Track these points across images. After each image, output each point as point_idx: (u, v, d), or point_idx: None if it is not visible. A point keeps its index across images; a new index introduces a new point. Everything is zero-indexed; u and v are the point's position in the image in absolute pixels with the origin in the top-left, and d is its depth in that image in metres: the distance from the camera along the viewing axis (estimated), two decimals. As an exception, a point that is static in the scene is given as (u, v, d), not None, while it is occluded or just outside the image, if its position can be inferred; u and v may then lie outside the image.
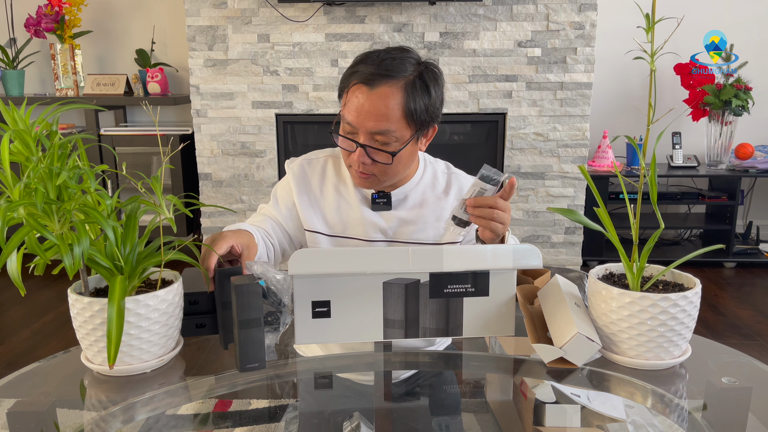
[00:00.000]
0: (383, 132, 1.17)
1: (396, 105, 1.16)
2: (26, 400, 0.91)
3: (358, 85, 1.17)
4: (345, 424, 0.89)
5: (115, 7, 3.71)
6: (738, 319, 2.80)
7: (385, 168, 1.21)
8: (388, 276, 0.99)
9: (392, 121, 1.16)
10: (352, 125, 1.18)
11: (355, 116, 1.17)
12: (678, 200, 3.52)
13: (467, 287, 1.01)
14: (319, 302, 0.99)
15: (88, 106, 0.96)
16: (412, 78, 1.18)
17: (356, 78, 1.18)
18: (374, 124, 1.16)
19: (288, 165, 1.35)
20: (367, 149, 1.18)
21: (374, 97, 1.15)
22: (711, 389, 0.96)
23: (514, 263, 1.00)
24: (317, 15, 3.16)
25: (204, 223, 3.42)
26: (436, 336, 1.04)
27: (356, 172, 1.24)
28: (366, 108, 1.16)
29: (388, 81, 1.16)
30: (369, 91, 1.16)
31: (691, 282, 0.97)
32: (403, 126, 1.18)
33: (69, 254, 0.80)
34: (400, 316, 1.01)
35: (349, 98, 1.19)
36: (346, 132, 1.21)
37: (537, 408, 0.99)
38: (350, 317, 1.00)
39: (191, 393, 0.96)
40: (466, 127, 3.42)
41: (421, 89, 1.18)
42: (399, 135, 1.18)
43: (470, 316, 1.03)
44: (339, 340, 1.01)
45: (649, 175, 0.95)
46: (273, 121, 3.29)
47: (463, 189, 1.33)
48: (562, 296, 1.00)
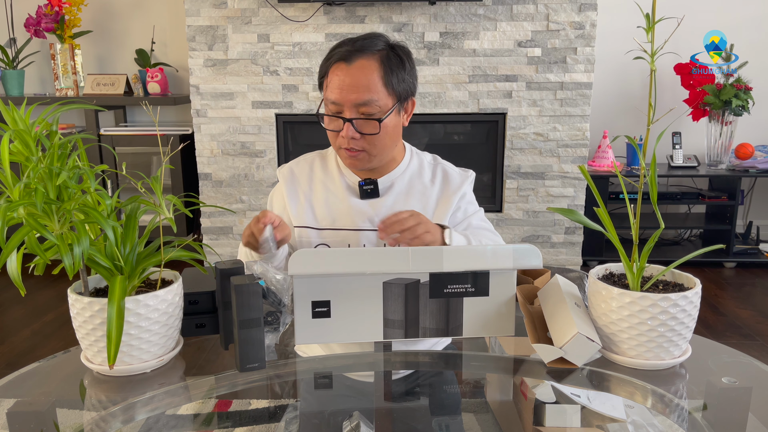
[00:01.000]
0: (367, 102, 1.23)
1: (375, 75, 1.23)
2: (26, 400, 0.91)
3: (337, 64, 1.24)
4: (345, 423, 0.89)
5: (115, 7, 3.71)
6: (738, 319, 2.80)
7: (373, 140, 1.26)
8: (388, 276, 0.99)
9: (374, 91, 1.23)
10: (337, 102, 1.24)
11: (338, 92, 1.23)
12: (678, 200, 3.52)
13: (467, 287, 1.01)
14: (319, 302, 0.99)
15: (88, 106, 0.96)
16: (385, 51, 1.26)
17: (334, 59, 1.25)
18: (357, 95, 1.22)
19: (279, 171, 1.42)
20: (353, 122, 1.24)
21: (353, 71, 1.22)
22: (711, 389, 0.96)
23: (514, 263, 1.00)
24: (317, 15, 3.16)
25: (204, 223, 3.41)
26: (436, 336, 1.04)
27: (346, 152, 1.28)
28: (348, 82, 1.22)
29: (364, 54, 1.24)
30: (348, 66, 1.23)
31: (691, 282, 0.97)
32: (385, 95, 1.24)
33: (69, 254, 0.80)
34: (400, 316, 1.01)
35: (330, 79, 1.25)
36: (332, 113, 1.26)
37: (537, 408, 0.99)
38: (350, 317, 1.00)
39: (191, 393, 0.96)
40: (466, 127, 3.42)
41: (395, 60, 1.26)
42: (382, 104, 1.24)
43: (470, 316, 1.03)
44: (339, 340, 1.01)
45: (649, 175, 0.95)
46: (273, 121, 3.29)
47: (449, 179, 1.37)
48: (562, 296, 1.00)
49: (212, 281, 1.03)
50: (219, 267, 0.98)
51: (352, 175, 1.36)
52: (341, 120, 1.24)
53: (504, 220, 3.38)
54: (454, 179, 1.37)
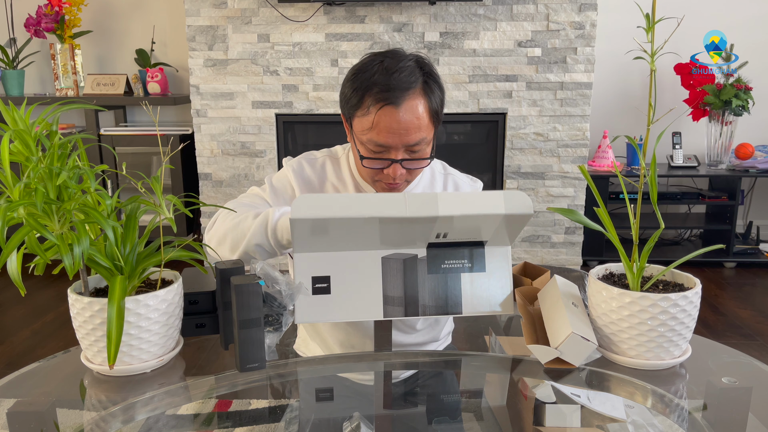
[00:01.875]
0: (419, 142, 1.19)
1: (424, 112, 1.18)
2: (26, 400, 0.91)
3: (384, 108, 1.16)
4: (345, 424, 0.89)
5: (115, 7, 3.71)
6: (738, 319, 2.80)
7: (417, 172, 1.25)
8: (387, 250, 1.00)
9: (424, 129, 1.18)
10: (386, 145, 1.18)
11: (388, 137, 1.17)
12: (678, 200, 3.52)
13: (464, 262, 1.02)
14: (319, 278, 0.99)
15: (88, 106, 0.96)
16: (423, 79, 1.19)
17: (376, 100, 1.16)
18: (410, 138, 1.17)
19: (287, 162, 1.34)
20: (403, 163, 1.20)
21: (404, 114, 1.16)
22: (711, 389, 0.96)
23: (505, 208, 0.99)
24: (317, 15, 3.16)
25: (204, 223, 3.41)
26: (435, 314, 1.03)
27: (385, 185, 1.24)
28: (401, 126, 1.16)
29: (409, 92, 1.16)
30: (396, 109, 1.15)
31: (691, 282, 0.97)
32: (430, 128, 1.21)
33: (69, 254, 0.80)
34: (400, 292, 1.01)
35: (375, 121, 1.17)
36: (375, 153, 1.20)
37: (537, 408, 0.99)
38: (350, 293, 1.00)
39: (191, 393, 0.96)
40: (466, 127, 3.42)
41: (433, 86, 1.20)
42: (429, 138, 1.21)
43: (468, 293, 1.03)
44: (339, 318, 1.00)
45: (649, 175, 0.95)
46: (273, 121, 3.29)
47: (458, 188, 1.35)
48: (559, 296, 1.00)
49: (212, 281, 1.03)
50: (219, 267, 0.97)
51: (368, 188, 1.31)
52: (387, 160, 1.19)
53: (504, 220, 3.38)
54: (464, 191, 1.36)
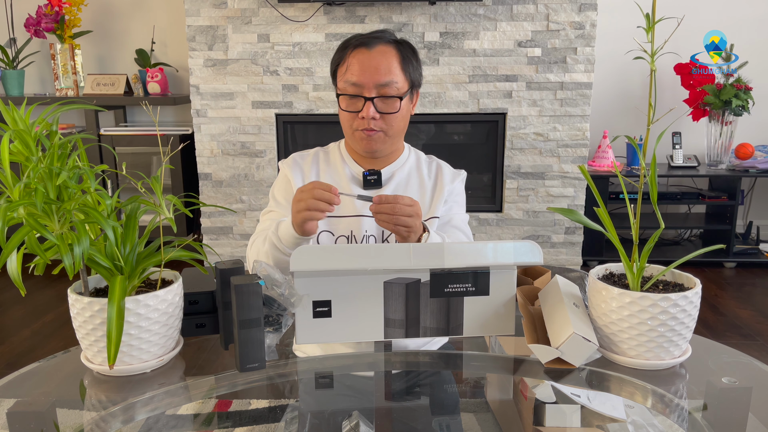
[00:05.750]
0: (388, 83, 1.30)
1: (394, 60, 1.32)
2: (26, 400, 0.91)
3: (358, 49, 1.31)
4: (344, 423, 0.89)
5: (115, 7, 3.71)
6: (738, 319, 2.80)
7: (391, 120, 1.32)
8: (389, 275, 0.99)
9: (394, 74, 1.31)
10: (358, 83, 1.30)
11: (360, 74, 1.29)
12: (678, 200, 3.52)
13: (468, 286, 1.01)
14: (320, 302, 0.99)
15: (88, 106, 0.96)
16: (397, 41, 1.36)
17: (352, 47, 1.32)
18: (380, 76, 1.29)
19: (281, 163, 1.46)
20: (375, 101, 1.30)
21: (375, 54, 1.31)
22: (711, 389, 0.96)
23: (515, 259, 1.00)
24: (317, 15, 3.16)
25: (204, 223, 3.41)
26: (436, 335, 1.04)
27: (363, 134, 1.33)
28: (370, 64, 1.29)
29: (383, 41, 1.33)
30: (369, 50, 1.31)
31: (691, 282, 0.97)
32: (402, 79, 1.33)
33: (69, 254, 0.80)
34: (401, 315, 1.01)
35: (349, 63, 1.31)
36: (351, 98, 1.32)
37: (537, 408, 0.99)
38: (351, 317, 1.00)
39: (191, 393, 0.96)
40: (466, 127, 3.42)
41: (408, 50, 1.37)
42: (400, 86, 1.32)
43: (470, 315, 1.03)
44: (340, 339, 1.01)
45: (649, 175, 0.95)
46: (273, 121, 3.29)
47: (442, 172, 1.44)
48: (560, 296, 1.00)
49: (212, 281, 1.03)
50: (219, 267, 0.98)
51: (356, 166, 1.41)
52: (361, 100, 1.30)
53: (504, 220, 3.38)
54: (447, 173, 1.45)
